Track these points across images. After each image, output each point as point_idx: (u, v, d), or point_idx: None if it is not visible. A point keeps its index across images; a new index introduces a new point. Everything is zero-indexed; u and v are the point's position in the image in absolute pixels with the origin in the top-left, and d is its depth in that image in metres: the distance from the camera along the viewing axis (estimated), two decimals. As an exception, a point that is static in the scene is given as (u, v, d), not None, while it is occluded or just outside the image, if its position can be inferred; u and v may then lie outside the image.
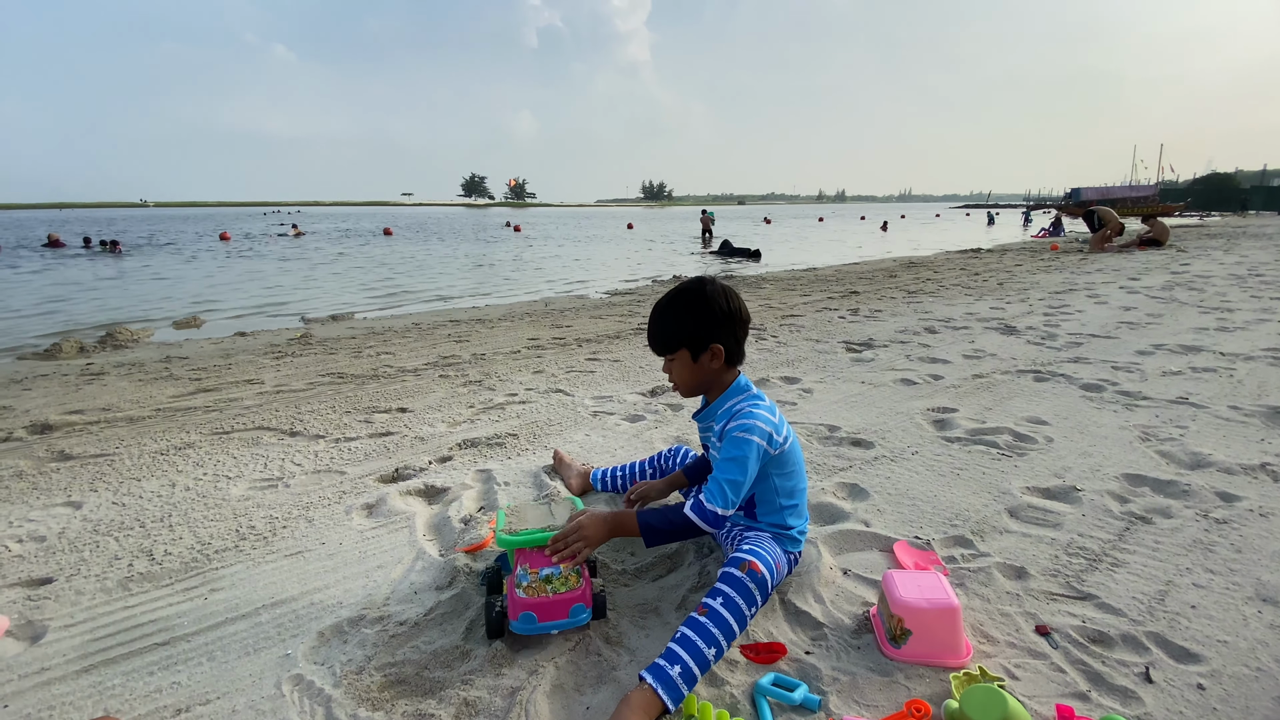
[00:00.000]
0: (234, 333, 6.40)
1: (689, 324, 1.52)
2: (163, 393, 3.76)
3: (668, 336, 1.55)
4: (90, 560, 1.83)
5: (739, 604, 1.34)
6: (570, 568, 1.42)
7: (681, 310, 1.53)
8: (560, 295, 8.94)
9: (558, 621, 1.39)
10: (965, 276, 8.65)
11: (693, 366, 1.55)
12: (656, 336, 1.58)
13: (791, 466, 1.58)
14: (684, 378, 1.58)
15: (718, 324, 1.52)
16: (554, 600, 1.37)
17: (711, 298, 1.52)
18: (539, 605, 1.37)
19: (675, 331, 1.54)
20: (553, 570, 1.40)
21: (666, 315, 1.55)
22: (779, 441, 1.52)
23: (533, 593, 1.37)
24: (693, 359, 1.54)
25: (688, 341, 1.53)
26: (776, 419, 1.54)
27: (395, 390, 3.62)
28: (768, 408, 1.55)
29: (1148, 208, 33.00)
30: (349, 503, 2.14)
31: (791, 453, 1.58)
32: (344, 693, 1.28)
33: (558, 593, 1.38)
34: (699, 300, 1.52)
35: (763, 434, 1.48)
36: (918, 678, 1.29)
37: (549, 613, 1.37)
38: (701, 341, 1.52)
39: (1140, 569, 1.64)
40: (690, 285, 1.55)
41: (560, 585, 1.39)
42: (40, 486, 2.37)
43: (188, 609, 1.59)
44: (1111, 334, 4.54)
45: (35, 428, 3.11)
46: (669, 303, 1.55)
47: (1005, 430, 2.63)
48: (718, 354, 1.53)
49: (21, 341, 6.17)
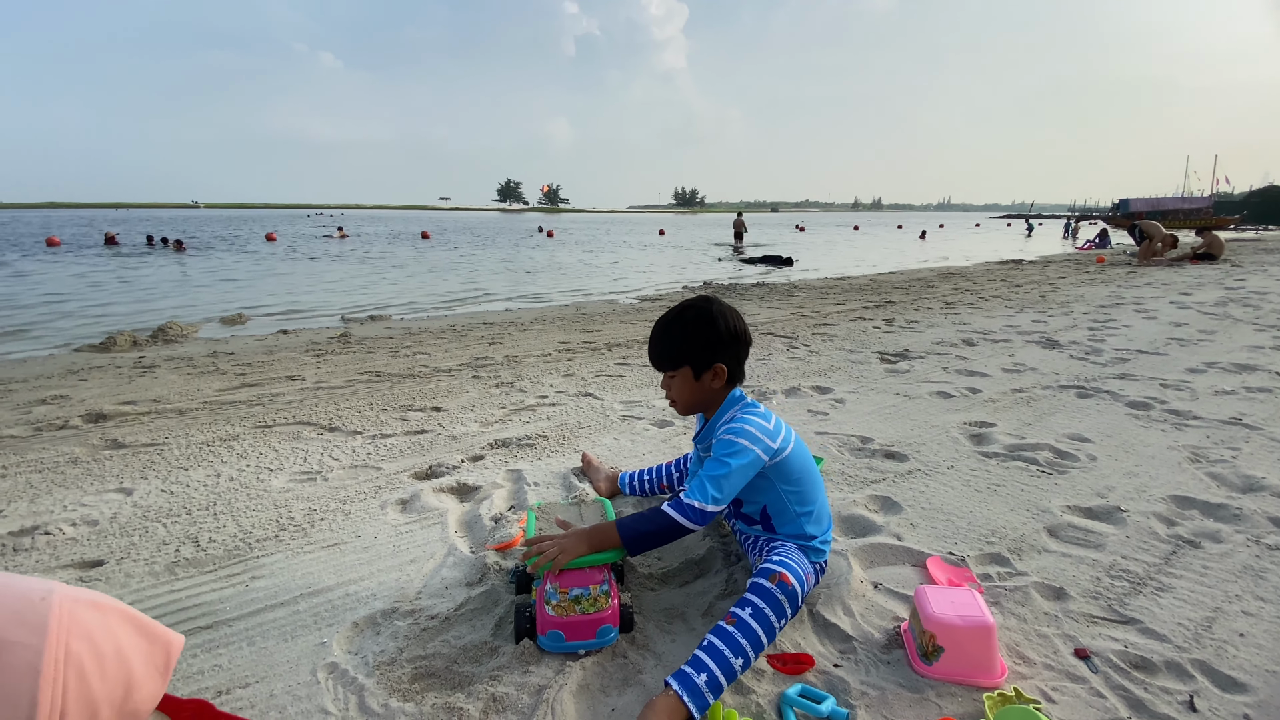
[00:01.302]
0: (277, 330, 6.61)
1: (694, 342, 1.52)
2: (209, 386, 3.91)
3: (672, 353, 1.54)
4: (140, 545, 1.91)
5: (768, 615, 1.32)
6: (597, 588, 1.39)
7: (688, 328, 1.52)
8: (591, 300, 9.00)
9: (585, 641, 1.38)
10: (1006, 288, 8.44)
11: (694, 385, 1.55)
12: (659, 352, 1.57)
13: (797, 474, 1.55)
14: (684, 395, 1.58)
15: (723, 344, 1.52)
16: (582, 620, 1.37)
17: (717, 317, 1.51)
18: (567, 625, 1.37)
19: (680, 349, 1.53)
20: (582, 591, 1.38)
21: (671, 332, 1.54)
22: (774, 447, 1.49)
23: (561, 612, 1.37)
24: (694, 377, 1.54)
25: (691, 360, 1.52)
26: (772, 425, 1.52)
27: (430, 389, 3.69)
28: (763, 414, 1.53)
29: (1201, 220, 31.75)
30: (384, 498, 2.20)
31: (795, 460, 1.54)
32: (376, 682, 1.31)
33: (586, 613, 1.37)
34: (705, 319, 1.51)
35: (751, 437, 1.46)
36: (949, 696, 1.26)
37: (576, 633, 1.37)
38: (705, 361, 1.52)
39: (1187, 594, 1.58)
40: (696, 304, 1.55)
41: (589, 606, 1.38)
42: (94, 473, 2.48)
43: (230, 595, 1.64)
44: (1161, 350, 4.38)
45: (90, 416, 3.26)
46: (674, 319, 1.55)
47: (1046, 447, 2.56)
48: (720, 374, 1.53)
49: (112, 328, 6.48)
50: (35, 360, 5.25)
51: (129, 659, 0.52)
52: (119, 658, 0.52)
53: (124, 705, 0.51)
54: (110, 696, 0.50)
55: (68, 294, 9.62)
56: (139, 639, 0.54)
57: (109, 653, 0.51)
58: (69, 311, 8.00)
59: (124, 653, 0.52)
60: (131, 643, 0.53)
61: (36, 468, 2.54)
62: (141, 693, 0.53)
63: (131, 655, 0.53)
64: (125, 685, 0.51)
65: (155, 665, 0.55)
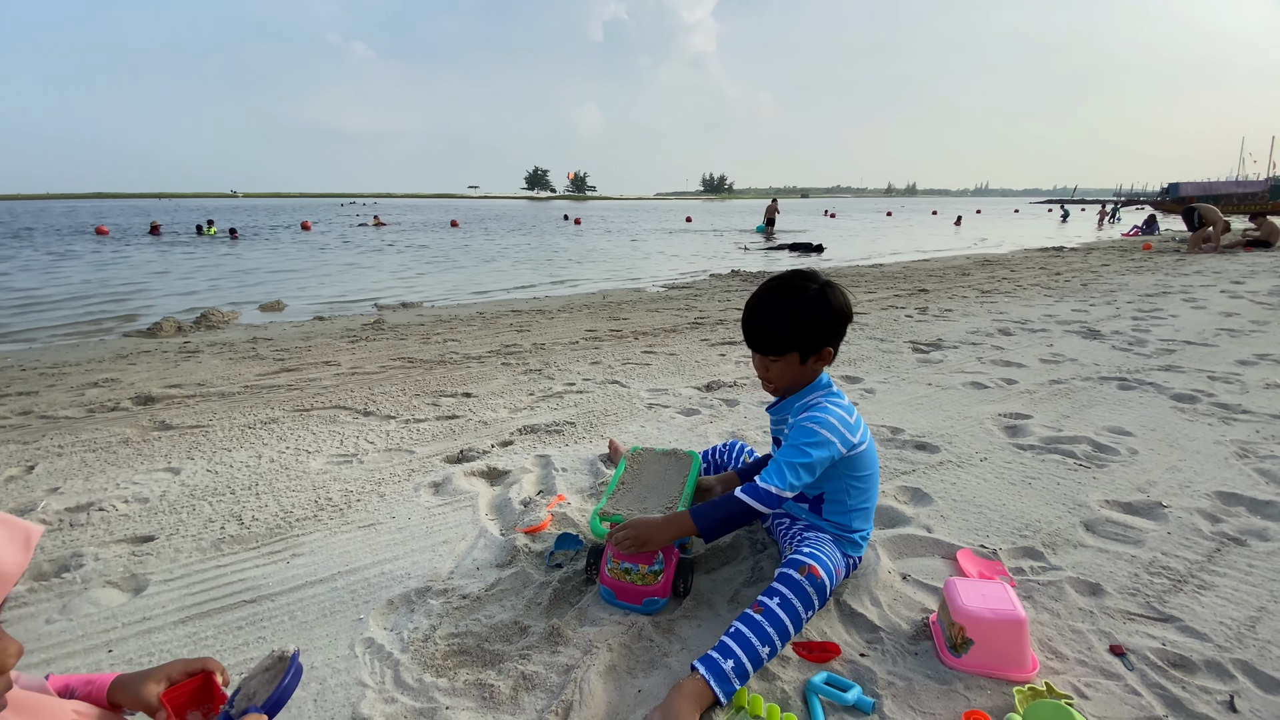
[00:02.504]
0: (313, 316, 6.78)
1: (808, 326, 1.44)
2: (250, 371, 4.03)
3: (784, 336, 1.45)
4: (187, 522, 1.99)
5: (795, 606, 1.32)
6: (646, 567, 1.47)
7: (803, 310, 1.44)
8: (617, 288, 9.01)
9: (632, 605, 1.50)
10: (1045, 276, 8.20)
11: (799, 368, 1.48)
12: (769, 335, 1.46)
13: (866, 471, 1.53)
14: (786, 379, 1.51)
15: (835, 327, 1.46)
16: (630, 587, 1.49)
17: (830, 298, 1.45)
18: (617, 587, 1.51)
19: (793, 333, 1.44)
20: (632, 566, 1.48)
21: (781, 314, 1.45)
22: (852, 441, 1.46)
23: (615, 575, 1.50)
24: (801, 360, 1.47)
25: (802, 345, 1.45)
26: (853, 420, 1.49)
27: (460, 376, 3.75)
28: (845, 407, 1.49)
29: (1256, 205, 30.28)
30: (417, 480, 2.25)
31: (867, 456, 1.53)
32: (411, 658, 1.35)
33: (634, 583, 1.49)
34: (820, 301, 1.44)
35: (833, 429, 1.43)
36: (978, 688, 1.25)
37: (625, 596, 1.50)
38: (817, 345, 1.46)
39: (1230, 593, 1.54)
40: (807, 284, 1.46)
41: (637, 579, 1.48)
42: (144, 453, 2.59)
43: (272, 571, 1.71)
44: (1209, 341, 4.21)
45: (139, 399, 3.40)
46: (786, 299, 1.45)
47: (1084, 440, 2.50)
48: (826, 356, 1.49)
49: (160, 314, 6.74)
50: (87, 345, 5.49)
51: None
52: None
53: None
54: None
55: (127, 279, 10.00)
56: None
57: None
58: (123, 295, 8.32)
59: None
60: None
61: (90, 447, 2.67)
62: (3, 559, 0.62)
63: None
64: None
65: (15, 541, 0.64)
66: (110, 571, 1.72)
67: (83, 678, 0.87)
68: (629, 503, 1.61)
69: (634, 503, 1.61)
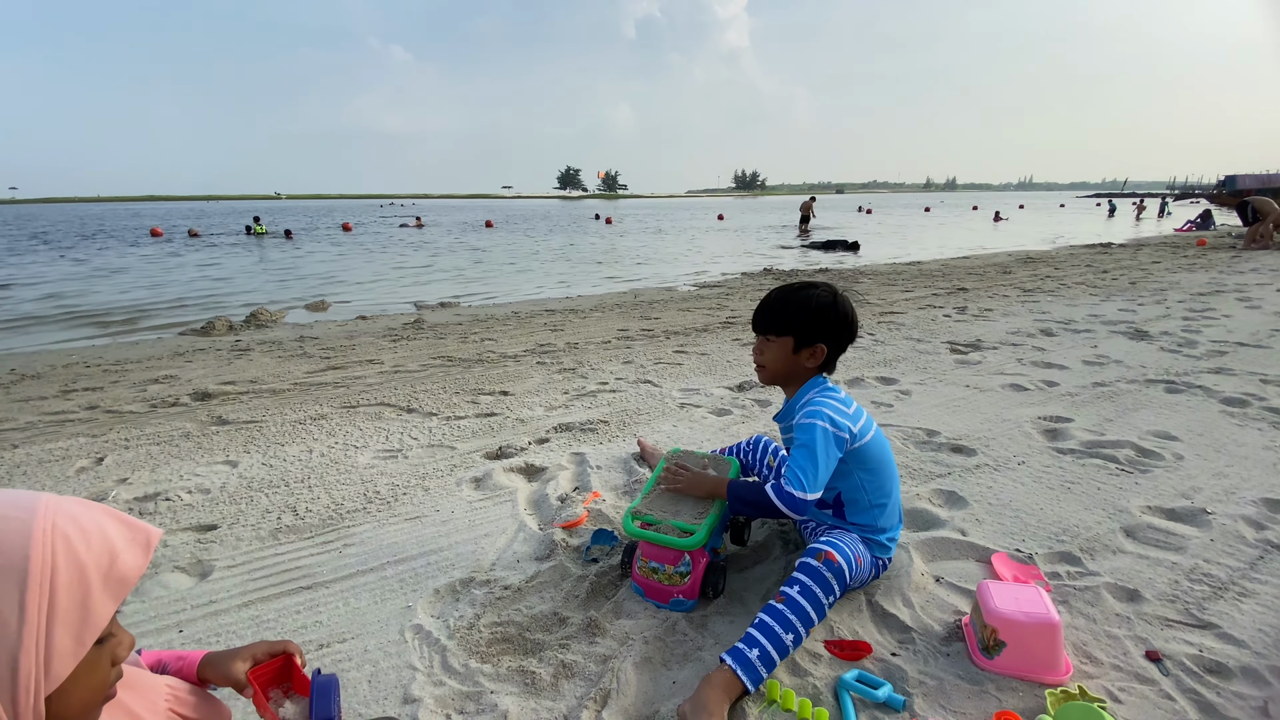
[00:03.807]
0: (356, 316, 7.00)
1: (806, 314, 1.54)
2: (299, 369, 4.21)
3: (783, 318, 1.56)
4: (246, 512, 2.11)
5: (816, 592, 1.36)
6: (672, 568, 1.53)
7: (805, 301, 1.54)
8: (649, 287, 9.05)
9: (659, 603, 1.56)
10: (1091, 274, 7.95)
11: (789, 356, 1.56)
12: (768, 313, 1.58)
13: (875, 463, 1.56)
14: (774, 363, 1.59)
15: (832, 327, 1.54)
16: (657, 586, 1.56)
17: (836, 303, 1.55)
18: (645, 584, 1.58)
19: (791, 316, 1.55)
20: (658, 566, 1.55)
21: (787, 300, 1.56)
22: (850, 429, 1.50)
23: (643, 574, 1.57)
24: (793, 349, 1.55)
25: (796, 330, 1.54)
26: (851, 410, 1.54)
27: (498, 374, 3.85)
28: (840, 399, 1.55)
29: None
30: (459, 475, 2.34)
31: (874, 448, 1.55)
32: (457, 644, 1.43)
33: (660, 583, 1.55)
34: (825, 300, 1.54)
35: (826, 418, 1.47)
36: (1009, 690, 1.27)
37: (652, 593, 1.57)
38: (810, 336, 1.54)
39: (1272, 601, 1.51)
40: (820, 285, 1.58)
41: (663, 579, 1.54)
42: (204, 446, 2.75)
43: (326, 560, 1.81)
44: (1263, 343, 4.05)
45: (197, 395, 3.59)
46: (794, 290, 1.57)
47: (1127, 444, 2.45)
48: (819, 354, 1.55)
49: (215, 312, 7.07)
50: (146, 343, 5.78)
51: (110, 536, 0.64)
52: (101, 534, 0.64)
53: (110, 570, 0.63)
54: (97, 562, 0.62)
55: (187, 280, 10.47)
56: (119, 524, 0.67)
57: (92, 529, 0.63)
58: (178, 297, 8.72)
59: (106, 531, 0.64)
60: (112, 525, 0.66)
61: (155, 440, 2.84)
62: (125, 561, 0.65)
63: (113, 533, 0.65)
64: (110, 555, 0.63)
65: (137, 543, 0.67)
66: (178, 557, 1.84)
67: (174, 654, 0.95)
68: (663, 505, 1.65)
69: (668, 505, 1.65)
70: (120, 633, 0.70)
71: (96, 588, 0.62)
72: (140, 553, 0.67)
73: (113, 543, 0.64)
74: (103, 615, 0.63)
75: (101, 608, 0.62)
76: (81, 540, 0.62)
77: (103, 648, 0.66)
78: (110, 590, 0.63)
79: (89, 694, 0.66)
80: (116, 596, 0.64)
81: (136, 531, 0.67)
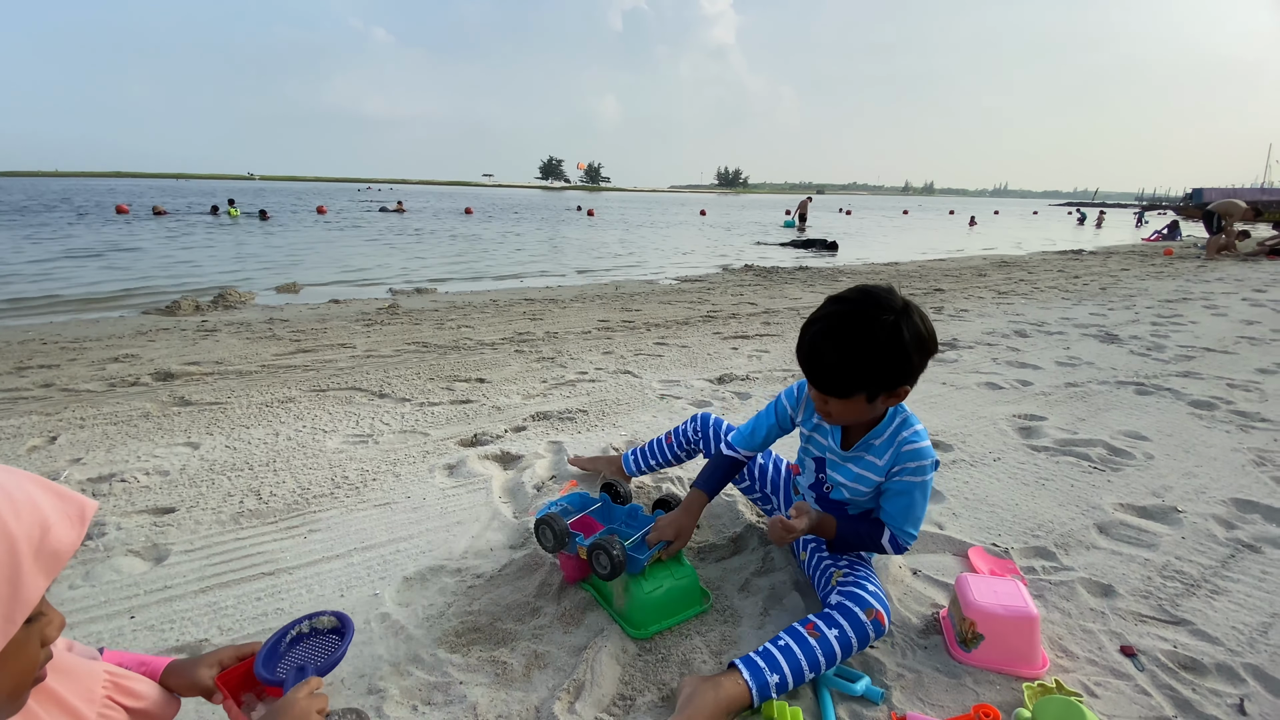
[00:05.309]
0: (329, 299, 6.83)
1: (880, 367, 1.21)
2: (267, 350, 4.08)
3: (850, 380, 1.22)
4: (207, 495, 2.03)
5: (852, 644, 1.26)
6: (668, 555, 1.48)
7: (873, 350, 1.20)
8: (630, 279, 9.00)
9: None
10: (1063, 279, 8.11)
11: (864, 408, 1.28)
12: (834, 375, 1.23)
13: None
14: (848, 417, 1.32)
15: (914, 366, 1.23)
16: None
17: (907, 330, 1.20)
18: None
19: (862, 374, 1.22)
20: None
21: (848, 351, 1.21)
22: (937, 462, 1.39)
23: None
24: (869, 400, 1.26)
25: (871, 388, 1.24)
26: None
27: (474, 361, 3.78)
28: (921, 427, 1.37)
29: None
30: (432, 462, 2.28)
31: None
32: (425, 634, 1.38)
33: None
34: (895, 337, 1.19)
35: (933, 460, 1.34)
36: (987, 683, 1.26)
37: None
38: (890, 385, 1.24)
39: (1243, 599, 1.53)
40: (882, 312, 1.20)
41: None
42: (164, 427, 2.63)
43: (290, 545, 1.74)
44: (1229, 349, 4.16)
45: (159, 375, 3.45)
46: (854, 334, 1.20)
47: (1099, 443, 2.48)
48: (900, 395, 1.27)
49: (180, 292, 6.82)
50: (107, 321, 5.56)
51: (41, 508, 0.60)
52: (32, 505, 0.60)
53: (42, 544, 0.59)
54: (28, 535, 0.58)
55: (156, 259, 10.12)
56: (51, 495, 0.63)
57: (22, 500, 0.59)
58: (143, 274, 8.42)
59: (36, 502, 0.60)
60: (44, 496, 0.62)
61: (112, 420, 2.72)
62: (58, 535, 0.61)
63: (44, 505, 0.61)
64: (41, 527, 0.59)
65: (70, 516, 0.63)
66: (132, 540, 1.76)
67: (136, 658, 0.89)
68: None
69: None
70: (50, 612, 0.65)
71: (27, 562, 0.57)
72: (74, 526, 0.62)
73: (44, 515, 0.60)
74: (34, 592, 0.58)
75: (32, 584, 0.58)
76: (10, 511, 0.57)
77: (32, 627, 0.62)
78: (42, 565, 0.59)
79: (16, 677, 0.62)
80: (48, 572, 0.59)
81: (70, 503, 0.63)
